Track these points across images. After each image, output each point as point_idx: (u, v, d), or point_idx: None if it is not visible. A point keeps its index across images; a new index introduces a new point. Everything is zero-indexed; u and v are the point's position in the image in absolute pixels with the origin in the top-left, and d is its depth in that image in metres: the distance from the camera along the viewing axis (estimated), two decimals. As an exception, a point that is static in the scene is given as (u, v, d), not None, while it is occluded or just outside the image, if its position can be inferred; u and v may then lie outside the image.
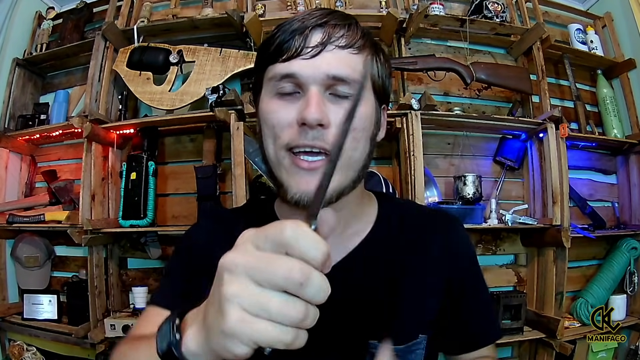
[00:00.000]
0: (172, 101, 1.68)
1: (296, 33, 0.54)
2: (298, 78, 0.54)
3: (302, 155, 0.54)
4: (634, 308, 1.84)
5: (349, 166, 0.56)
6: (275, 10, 1.86)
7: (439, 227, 0.68)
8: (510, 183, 1.88)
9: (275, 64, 0.55)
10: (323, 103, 0.53)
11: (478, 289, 0.70)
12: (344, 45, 0.55)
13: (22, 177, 2.03)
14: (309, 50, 0.53)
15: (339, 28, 0.55)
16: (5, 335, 1.88)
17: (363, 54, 0.57)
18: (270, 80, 0.56)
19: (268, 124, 0.56)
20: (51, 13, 2.11)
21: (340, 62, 0.54)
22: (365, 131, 0.57)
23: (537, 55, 1.79)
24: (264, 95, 0.58)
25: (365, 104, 0.57)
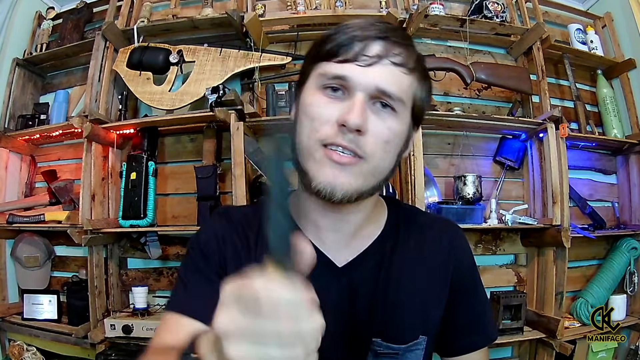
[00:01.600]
0: (172, 101, 1.68)
1: (356, 39, 0.56)
2: (348, 81, 0.56)
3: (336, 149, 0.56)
4: (634, 308, 1.84)
5: (373, 174, 0.58)
6: (275, 10, 1.86)
7: (444, 234, 0.71)
8: (510, 183, 1.88)
9: (329, 62, 0.57)
10: (365, 110, 0.55)
11: (476, 294, 0.72)
12: (398, 63, 0.57)
13: (22, 177, 2.03)
14: (365, 59, 0.56)
15: (397, 46, 0.57)
16: (5, 335, 1.88)
17: (413, 76, 0.59)
18: (320, 75, 0.58)
19: (308, 116, 0.58)
20: (51, 13, 2.11)
21: (390, 78, 0.56)
22: (396, 146, 0.59)
23: (537, 55, 1.79)
24: (309, 86, 0.60)
25: (402, 120, 0.59)
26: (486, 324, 0.73)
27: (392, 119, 0.57)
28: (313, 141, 0.57)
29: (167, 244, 1.83)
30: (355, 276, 0.63)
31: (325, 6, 1.76)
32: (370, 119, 0.56)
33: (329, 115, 0.56)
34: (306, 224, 0.65)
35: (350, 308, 0.62)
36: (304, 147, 0.58)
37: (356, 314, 0.63)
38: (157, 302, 1.79)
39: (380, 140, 0.56)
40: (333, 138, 0.55)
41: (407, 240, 0.67)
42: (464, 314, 0.70)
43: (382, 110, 0.57)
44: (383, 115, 0.57)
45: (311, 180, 0.57)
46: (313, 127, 0.57)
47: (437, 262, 0.68)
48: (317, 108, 0.57)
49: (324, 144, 0.56)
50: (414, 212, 0.75)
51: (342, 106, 0.56)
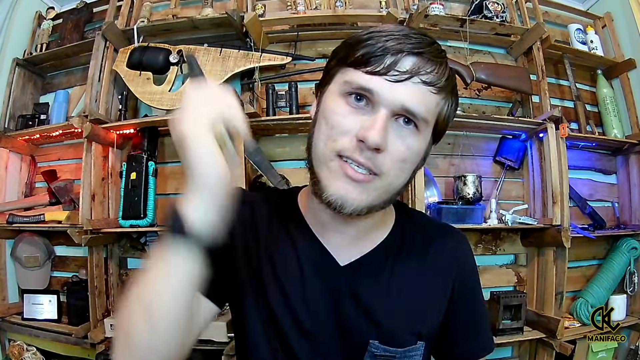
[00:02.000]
0: (172, 101, 1.68)
1: (389, 52, 0.54)
2: (374, 95, 0.54)
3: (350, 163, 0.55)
4: (634, 308, 1.84)
5: (387, 190, 0.58)
6: (275, 10, 1.86)
7: (448, 243, 0.71)
8: (510, 183, 1.88)
9: (357, 70, 0.55)
10: (387, 129, 0.54)
11: (475, 304, 0.72)
12: (428, 82, 0.55)
13: (22, 177, 2.03)
14: (395, 74, 0.53)
15: (431, 64, 0.55)
16: (5, 335, 1.88)
17: (440, 95, 0.57)
18: (345, 82, 0.56)
19: (328, 122, 0.57)
20: (51, 13, 2.11)
21: (418, 98, 0.54)
22: (413, 164, 0.59)
23: (537, 55, 1.79)
24: (332, 90, 0.59)
25: (422, 139, 0.58)
26: (483, 334, 0.73)
27: (412, 137, 0.56)
28: (329, 150, 0.56)
29: (167, 244, 1.83)
30: (357, 276, 0.64)
31: (325, 6, 1.76)
32: (390, 136, 0.54)
33: (350, 127, 0.54)
34: (313, 222, 0.66)
35: (349, 308, 0.63)
36: (319, 154, 0.57)
37: (355, 315, 0.63)
38: (157, 302, 1.79)
39: (397, 160, 0.55)
40: (350, 152, 0.54)
41: (412, 247, 0.67)
42: (462, 322, 0.69)
43: (404, 127, 0.55)
44: (404, 132, 0.55)
45: (323, 190, 0.56)
46: (331, 135, 0.56)
47: (440, 270, 0.68)
48: (338, 117, 0.56)
49: (339, 155, 0.55)
50: (421, 218, 0.75)
51: (364, 119, 0.54)
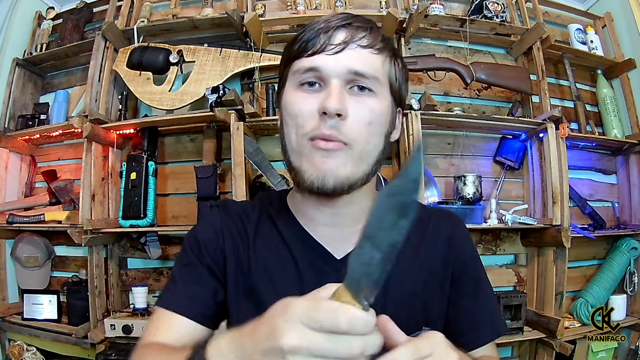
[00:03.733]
0: (172, 101, 1.68)
1: (321, 32, 0.58)
2: (321, 71, 0.57)
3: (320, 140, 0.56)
4: (634, 308, 1.84)
5: (361, 158, 0.58)
6: (275, 10, 1.86)
7: (444, 226, 0.69)
8: (510, 183, 1.88)
9: (300, 59, 0.59)
10: (343, 95, 0.56)
11: (480, 286, 0.70)
12: (365, 45, 0.58)
13: (22, 177, 2.03)
14: (332, 47, 0.57)
15: (361, 30, 0.59)
16: (5, 335, 1.88)
17: (382, 55, 0.60)
18: (294, 73, 0.60)
19: (291, 114, 0.59)
20: (51, 13, 2.11)
21: (361, 59, 0.57)
22: (381, 126, 0.60)
23: (537, 55, 1.79)
24: (288, 87, 0.62)
25: (382, 100, 0.60)
26: (492, 316, 0.70)
27: (371, 100, 0.58)
28: (300, 137, 0.58)
29: (167, 244, 1.83)
30: None
31: (325, 6, 1.76)
32: (350, 103, 0.56)
33: (311, 109, 0.57)
34: (304, 220, 0.65)
35: None
36: (294, 146, 0.59)
37: None
38: (157, 302, 1.79)
39: (363, 123, 0.57)
40: (317, 129, 0.56)
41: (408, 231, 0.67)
42: (468, 307, 0.67)
43: (360, 93, 0.58)
44: (362, 97, 0.58)
45: (303, 175, 0.57)
46: (297, 123, 0.58)
47: (437, 254, 0.66)
48: (298, 105, 0.58)
49: (310, 138, 0.57)
50: None
51: (321, 96, 0.57)
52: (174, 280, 0.66)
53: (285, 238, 0.65)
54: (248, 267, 0.64)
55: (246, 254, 0.65)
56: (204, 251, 0.65)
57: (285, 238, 0.65)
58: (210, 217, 0.70)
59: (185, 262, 0.66)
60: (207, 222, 0.69)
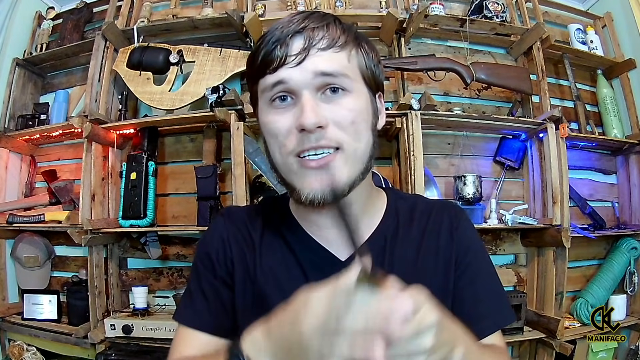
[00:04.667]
0: (172, 101, 1.68)
1: (277, 44, 0.55)
2: (288, 83, 0.55)
3: (309, 157, 0.55)
4: (634, 308, 1.84)
5: (355, 159, 0.57)
6: (275, 10, 1.86)
7: (444, 216, 0.68)
8: (510, 183, 1.88)
9: (265, 76, 0.57)
10: (317, 105, 0.55)
11: (484, 274, 0.69)
12: (326, 47, 0.56)
13: (22, 177, 2.03)
14: (292, 58, 0.55)
15: (317, 30, 0.56)
16: (5, 335, 1.88)
17: (347, 49, 0.58)
18: (263, 92, 0.58)
19: (271, 134, 0.58)
20: (51, 13, 2.11)
21: (325, 62, 0.55)
22: (365, 122, 0.58)
23: (537, 55, 1.79)
24: (261, 107, 0.60)
25: (358, 96, 0.58)
26: (496, 305, 0.68)
27: (347, 99, 0.56)
28: (285, 155, 0.57)
29: (167, 244, 1.83)
30: None
31: (325, 6, 1.76)
32: (326, 109, 0.55)
33: (287, 126, 0.56)
34: (306, 224, 0.65)
35: None
36: (281, 165, 0.58)
37: None
38: (157, 302, 1.79)
39: (346, 124, 0.55)
40: (301, 145, 0.54)
41: (408, 227, 0.66)
42: (474, 296, 0.66)
43: (333, 95, 0.56)
44: (337, 99, 0.56)
45: (301, 194, 0.56)
46: (279, 142, 0.57)
47: (440, 245, 0.65)
48: (274, 124, 0.57)
49: (297, 155, 0.56)
50: (413, 198, 0.73)
51: (295, 111, 0.55)
52: (191, 296, 0.67)
53: (290, 244, 0.64)
54: (255, 274, 0.63)
55: (252, 261, 0.64)
56: (215, 264, 0.65)
57: (290, 243, 0.64)
58: (216, 226, 0.69)
59: (199, 277, 0.67)
60: (214, 233, 0.68)
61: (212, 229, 0.70)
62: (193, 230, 1.65)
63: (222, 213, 0.72)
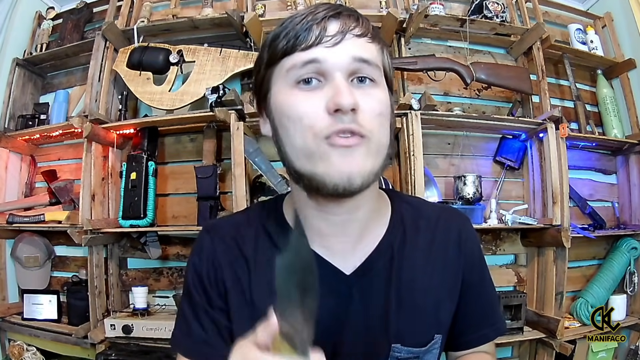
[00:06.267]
0: (172, 101, 1.68)
1: (313, 23, 0.53)
2: (322, 63, 0.52)
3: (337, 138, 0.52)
4: (634, 308, 1.84)
5: (378, 151, 0.55)
6: (275, 10, 1.86)
7: (452, 227, 0.67)
8: (510, 183, 1.88)
9: (292, 54, 0.54)
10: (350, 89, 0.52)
11: (484, 286, 0.70)
12: (360, 34, 0.55)
13: (22, 177, 2.03)
14: (329, 39, 0.53)
15: (352, 19, 0.55)
16: (5, 335, 1.88)
17: (375, 43, 0.57)
18: (289, 70, 0.54)
19: (292, 117, 0.53)
20: (51, 13, 2.11)
21: (361, 48, 0.54)
22: (387, 118, 0.57)
23: (537, 55, 1.79)
24: (279, 89, 0.56)
25: (383, 89, 0.57)
26: (495, 316, 0.71)
27: (375, 90, 0.55)
28: (310, 139, 0.52)
29: (167, 244, 1.83)
30: (366, 282, 0.60)
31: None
32: (358, 96, 0.52)
33: (316, 107, 0.52)
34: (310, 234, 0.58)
35: (365, 316, 0.60)
36: (302, 151, 0.53)
37: (372, 322, 0.60)
38: (157, 302, 1.79)
39: (374, 115, 0.54)
40: (333, 126, 0.51)
41: (415, 237, 0.64)
42: (474, 308, 0.67)
43: (362, 85, 0.54)
44: (365, 89, 0.54)
45: (324, 179, 0.52)
46: (304, 126, 0.52)
47: (448, 257, 0.65)
48: (299, 106, 0.53)
49: (325, 136, 0.52)
50: (418, 203, 0.71)
51: (326, 92, 0.52)
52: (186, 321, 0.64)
53: None
54: (250, 295, 0.60)
55: (247, 281, 0.61)
56: (209, 291, 0.62)
57: None
58: (203, 246, 0.65)
59: (192, 300, 0.64)
60: (202, 254, 0.64)
61: (199, 248, 0.65)
62: (193, 230, 1.65)
63: (208, 229, 0.67)
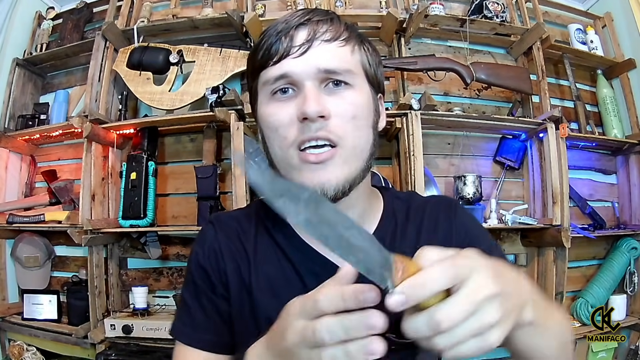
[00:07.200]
0: (172, 101, 1.68)
1: (281, 35, 0.55)
2: (291, 76, 0.54)
3: (309, 150, 0.54)
4: (634, 308, 1.84)
5: (355, 156, 0.56)
6: (275, 10, 1.86)
7: (440, 211, 0.67)
8: (510, 183, 1.88)
9: (267, 68, 0.56)
10: (320, 96, 0.54)
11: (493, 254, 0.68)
12: (330, 39, 0.56)
13: (22, 177, 2.03)
14: (296, 49, 0.54)
15: (322, 24, 0.56)
16: (5, 335, 1.88)
17: (350, 45, 0.57)
18: (264, 84, 0.57)
19: (270, 127, 0.57)
20: (51, 13, 2.12)
21: (329, 55, 0.55)
22: (366, 119, 0.58)
23: (537, 55, 1.79)
24: (261, 101, 0.59)
25: (360, 91, 0.58)
26: None
27: (349, 93, 0.56)
28: (285, 149, 0.55)
29: (167, 244, 1.83)
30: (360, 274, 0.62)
31: (325, 6, 1.76)
32: (329, 101, 0.54)
33: (289, 117, 0.54)
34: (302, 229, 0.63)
35: None
36: (280, 159, 0.57)
37: None
38: (157, 302, 1.79)
39: (347, 119, 0.55)
40: (302, 135, 0.53)
41: (405, 226, 0.65)
42: None
43: (336, 88, 0.55)
44: (339, 92, 0.55)
45: None
46: (279, 135, 0.56)
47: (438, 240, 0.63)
48: (275, 116, 0.56)
49: (298, 147, 0.54)
50: (408, 196, 0.72)
51: (297, 101, 0.54)
52: (189, 311, 0.64)
53: (286, 252, 0.62)
54: (250, 285, 0.62)
55: (248, 273, 0.62)
56: (212, 278, 0.63)
57: (286, 252, 0.62)
58: (207, 237, 0.66)
59: (195, 287, 0.64)
60: (206, 244, 0.66)
61: (203, 239, 0.67)
62: (193, 230, 1.65)
63: (212, 221, 0.69)
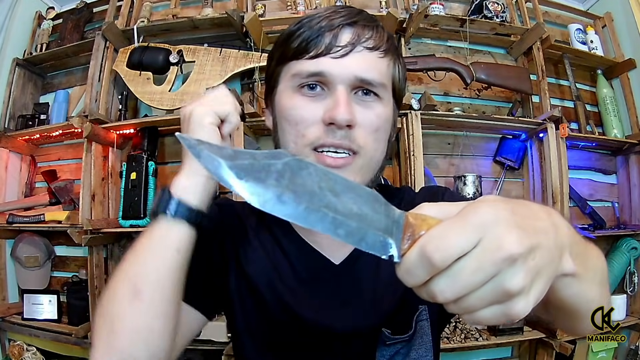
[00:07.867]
0: (172, 101, 1.68)
1: (325, 30, 0.53)
2: (327, 76, 0.53)
3: (327, 153, 0.53)
4: (634, 308, 1.84)
5: (369, 167, 0.56)
6: (275, 10, 1.86)
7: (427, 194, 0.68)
8: (510, 183, 1.88)
9: (300, 60, 0.54)
10: (350, 104, 0.53)
11: None
12: (372, 48, 0.54)
13: (22, 177, 2.03)
14: (338, 50, 0.53)
15: (367, 29, 0.55)
16: (5, 335, 1.88)
17: (387, 58, 0.57)
18: (294, 76, 0.55)
19: (290, 120, 0.55)
20: (51, 13, 2.11)
21: (367, 65, 0.54)
22: (385, 132, 0.58)
23: (537, 55, 1.79)
24: (283, 89, 0.57)
25: (386, 105, 0.57)
26: None
27: (377, 105, 0.55)
28: (301, 146, 0.54)
29: (167, 244, 1.83)
30: (355, 271, 0.61)
31: (325, 6, 1.76)
32: (357, 110, 0.53)
33: (314, 116, 0.53)
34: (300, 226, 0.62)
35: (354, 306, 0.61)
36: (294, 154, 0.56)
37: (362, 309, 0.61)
38: (157, 302, 1.79)
39: (371, 130, 0.54)
40: (324, 139, 0.53)
41: None
42: None
43: (365, 98, 0.55)
44: (368, 103, 0.55)
45: None
46: (298, 131, 0.54)
47: None
48: (298, 111, 0.54)
49: (314, 148, 0.53)
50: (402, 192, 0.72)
51: (326, 103, 0.53)
52: None
53: (283, 246, 0.63)
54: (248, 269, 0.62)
55: (244, 254, 0.63)
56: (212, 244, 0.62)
57: (284, 246, 0.63)
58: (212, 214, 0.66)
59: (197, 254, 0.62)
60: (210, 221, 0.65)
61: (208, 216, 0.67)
62: (193, 230, 1.65)
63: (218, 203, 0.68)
